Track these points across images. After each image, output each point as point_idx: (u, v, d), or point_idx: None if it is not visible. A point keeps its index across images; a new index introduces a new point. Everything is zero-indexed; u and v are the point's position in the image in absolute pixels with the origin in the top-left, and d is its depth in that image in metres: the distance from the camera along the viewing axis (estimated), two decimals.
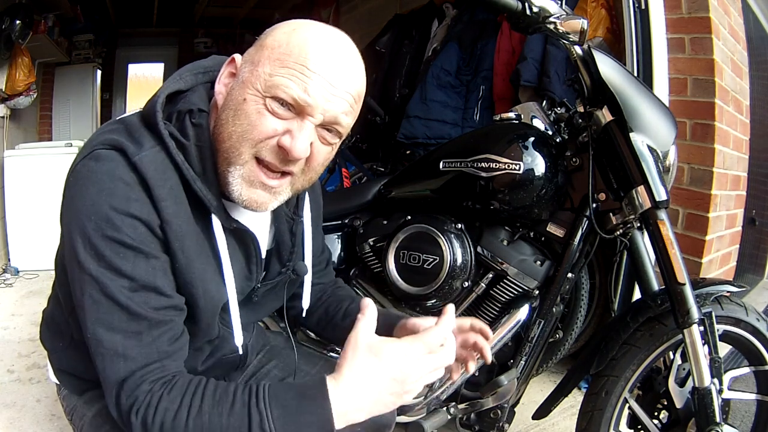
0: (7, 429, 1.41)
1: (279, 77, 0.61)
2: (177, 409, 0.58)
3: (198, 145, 0.65)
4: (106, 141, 0.62)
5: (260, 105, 0.62)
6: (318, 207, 0.93)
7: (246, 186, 0.64)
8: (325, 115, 0.63)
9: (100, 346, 0.60)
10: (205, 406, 0.58)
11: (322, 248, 0.99)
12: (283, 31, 0.64)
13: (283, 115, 0.62)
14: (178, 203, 0.63)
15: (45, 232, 2.75)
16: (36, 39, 3.16)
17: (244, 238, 0.73)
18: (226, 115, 0.64)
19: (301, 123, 0.62)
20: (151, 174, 0.60)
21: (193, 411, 0.58)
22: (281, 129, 0.62)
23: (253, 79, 0.62)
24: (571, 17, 0.93)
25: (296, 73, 0.61)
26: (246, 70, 0.64)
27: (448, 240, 1.15)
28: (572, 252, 1.07)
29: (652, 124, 1.00)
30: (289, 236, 0.83)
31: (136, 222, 0.59)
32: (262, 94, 0.62)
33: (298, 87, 0.61)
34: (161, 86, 0.68)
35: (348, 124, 0.67)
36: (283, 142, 0.62)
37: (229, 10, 5.31)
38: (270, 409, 0.58)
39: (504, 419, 1.12)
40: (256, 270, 0.78)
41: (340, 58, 0.63)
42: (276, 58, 0.62)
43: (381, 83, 2.80)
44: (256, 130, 0.62)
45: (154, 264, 0.61)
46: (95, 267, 0.59)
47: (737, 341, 1.02)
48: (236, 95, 0.64)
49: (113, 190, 0.59)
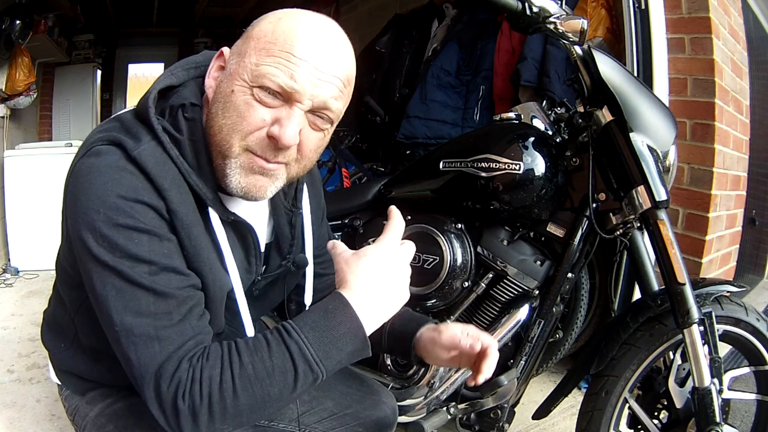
0: (7, 429, 1.41)
1: (265, 66, 0.61)
2: (220, 372, 0.57)
3: (191, 140, 0.65)
4: (103, 138, 0.62)
5: (248, 95, 0.62)
6: (319, 199, 0.93)
7: (244, 174, 0.64)
8: (314, 101, 0.63)
9: (131, 335, 0.58)
10: (244, 359, 0.58)
11: (327, 238, 0.98)
12: (268, 21, 0.65)
13: (271, 104, 0.62)
14: (183, 193, 0.63)
15: (45, 232, 2.75)
16: (36, 39, 3.16)
17: (242, 230, 0.73)
18: (215, 108, 0.64)
19: (290, 110, 0.62)
20: (151, 166, 0.60)
21: (236, 368, 0.57)
22: (269, 119, 0.62)
23: (240, 70, 0.62)
24: (571, 17, 0.93)
25: (282, 61, 0.61)
26: (233, 61, 0.64)
27: (448, 240, 1.15)
28: (572, 252, 1.07)
29: (652, 124, 1.00)
30: (288, 228, 0.83)
31: (146, 207, 0.59)
32: (249, 84, 0.62)
33: (284, 74, 0.60)
34: (153, 82, 0.68)
35: (339, 109, 0.67)
36: (272, 131, 0.62)
37: (229, 10, 5.31)
38: (303, 334, 0.59)
39: (504, 419, 1.12)
40: (256, 263, 0.78)
41: (325, 42, 0.63)
42: (262, 48, 0.62)
43: (381, 83, 2.79)
44: (245, 121, 0.62)
45: (168, 246, 0.61)
46: (111, 258, 0.58)
47: (737, 341, 1.02)
48: (224, 87, 0.64)
49: (119, 179, 0.59)
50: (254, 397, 0.57)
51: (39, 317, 0.87)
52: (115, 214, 0.58)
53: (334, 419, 0.91)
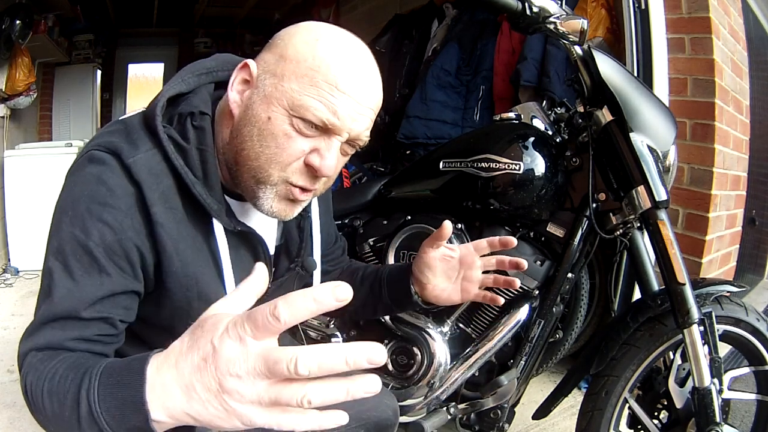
0: (7, 429, 1.40)
1: (308, 98, 0.60)
2: (43, 370, 0.57)
3: (199, 149, 0.64)
4: (102, 143, 0.62)
5: (286, 125, 0.61)
6: (327, 201, 0.93)
7: (278, 200, 0.65)
8: (351, 134, 0.63)
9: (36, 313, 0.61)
10: (60, 370, 0.55)
11: (335, 238, 0.99)
12: (305, 41, 0.62)
13: (309, 134, 0.62)
14: (171, 207, 0.63)
15: (45, 232, 2.73)
16: (36, 39, 3.15)
17: (251, 239, 0.73)
18: (249, 132, 0.63)
19: (329, 141, 0.62)
20: (144, 177, 0.60)
21: (49, 375, 0.55)
22: (308, 148, 0.62)
23: (278, 95, 0.61)
24: (571, 17, 0.93)
25: (325, 94, 0.60)
26: (268, 83, 0.62)
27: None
28: (572, 252, 1.07)
29: (652, 124, 1.00)
30: (296, 231, 0.83)
31: (106, 229, 0.59)
32: (288, 113, 0.60)
33: (327, 110, 0.60)
34: (163, 88, 0.67)
35: (367, 137, 0.68)
36: (312, 160, 0.62)
37: (229, 10, 5.30)
38: (98, 377, 0.49)
39: (504, 419, 1.12)
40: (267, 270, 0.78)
41: (366, 74, 0.63)
42: (303, 75, 0.60)
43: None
44: (285, 153, 0.62)
45: (103, 281, 0.59)
46: (52, 259, 0.60)
47: (737, 341, 1.02)
48: (258, 111, 0.62)
49: (95, 193, 0.59)
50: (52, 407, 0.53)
51: None
52: (77, 222, 0.59)
53: None
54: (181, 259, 0.64)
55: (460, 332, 1.21)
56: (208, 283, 0.68)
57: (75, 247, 0.59)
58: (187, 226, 0.65)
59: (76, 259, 0.59)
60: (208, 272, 0.68)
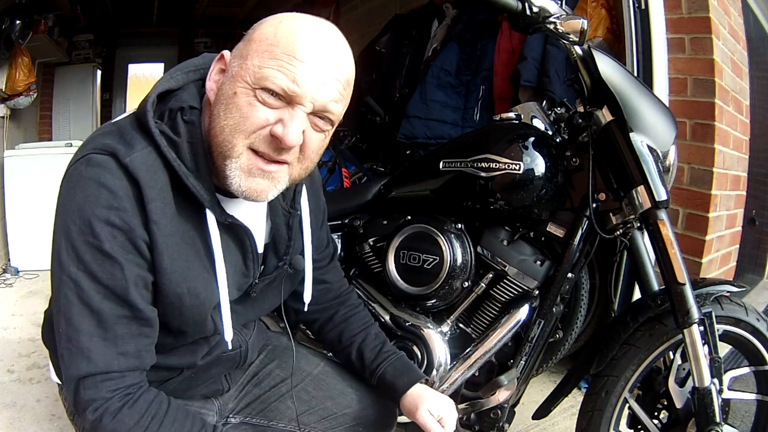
0: (7, 429, 1.41)
1: (267, 69, 0.62)
2: (133, 425, 0.61)
3: (190, 142, 0.66)
4: (98, 145, 0.63)
5: (251, 97, 0.63)
6: (318, 200, 0.93)
7: (245, 176, 0.65)
8: (315, 104, 0.64)
9: (69, 343, 0.62)
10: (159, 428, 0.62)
11: (326, 242, 0.99)
12: (269, 24, 0.66)
13: (273, 105, 0.63)
14: (167, 203, 0.64)
15: (45, 232, 2.71)
16: (36, 39, 3.15)
17: (240, 233, 0.74)
18: (217, 110, 0.65)
19: (292, 111, 0.63)
20: (142, 175, 0.62)
21: None
22: (273, 118, 0.63)
23: (243, 72, 0.63)
24: (571, 17, 0.93)
25: (284, 64, 0.62)
26: (235, 64, 0.65)
27: (448, 240, 1.15)
28: (572, 252, 1.07)
29: (652, 124, 1.00)
30: (285, 229, 0.83)
31: (116, 231, 0.61)
32: (251, 86, 0.63)
33: (286, 77, 0.62)
34: (153, 86, 0.69)
35: (339, 112, 0.68)
36: (276, 130, 0.63)
37: (229, 10, 5.31)
38: None
39: (504, 419, 1.12)
40: (253, 266, 0.78)
41: (327, 46, 0.65)
42: (264, 50, 0.63)
43: (381, 83, 2.79)
44: (248, 121, 0.63)
45: (128, 275, 0.63)
46: (74, 270, 0.61)
47: (737, 341, 1.02)
48: (227, 89, 0.65)
49: (98, 197, 0.60)
50: None
51: (39, 317, 0.87)
52: (87, 230, 0.60)
53: (333, 419, 0.91)
54: (170, 255, 0.65)
55: (460, 332, 1.21)
56: (198, 277, 0.69)
57: (93, 252, 0.61)
58: (180, 221, 0.66)
59: (98, 264, 0.61)
60: (197, 266, 0.69)
